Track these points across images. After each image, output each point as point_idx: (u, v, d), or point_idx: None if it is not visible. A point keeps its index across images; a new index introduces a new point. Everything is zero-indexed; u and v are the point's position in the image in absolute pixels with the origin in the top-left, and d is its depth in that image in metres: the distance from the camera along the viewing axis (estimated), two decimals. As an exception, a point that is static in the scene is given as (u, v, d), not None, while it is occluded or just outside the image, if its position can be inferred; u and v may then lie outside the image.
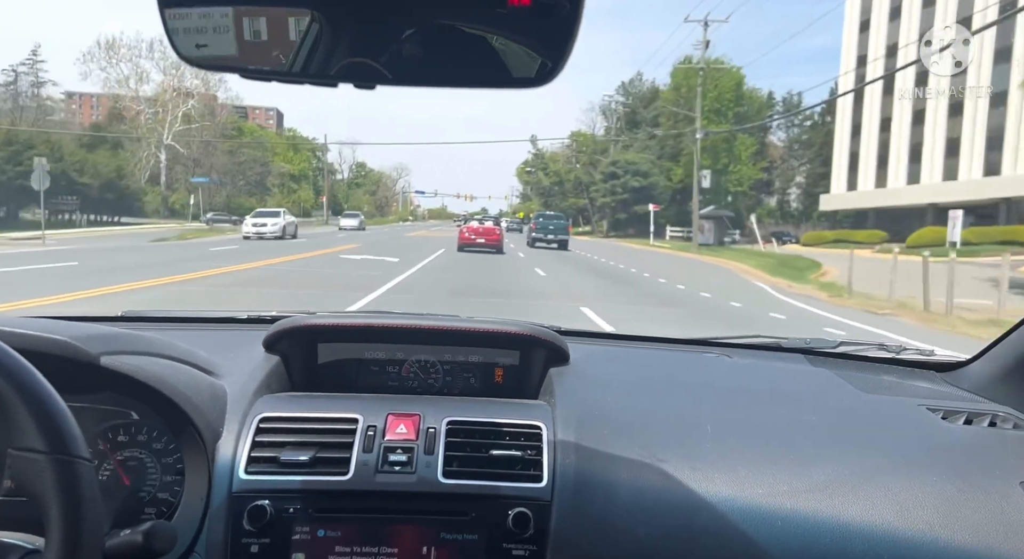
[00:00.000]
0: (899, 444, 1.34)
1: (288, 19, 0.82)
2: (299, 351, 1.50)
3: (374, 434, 1.24)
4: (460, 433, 1.25)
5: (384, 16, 0.79)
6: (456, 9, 0.79)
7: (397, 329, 1.53)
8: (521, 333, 1.50)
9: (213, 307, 6.28)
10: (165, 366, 1.25)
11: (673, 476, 1.19)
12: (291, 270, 15.93)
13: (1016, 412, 1.47)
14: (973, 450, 1.34)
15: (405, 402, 1.34)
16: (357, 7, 0.80)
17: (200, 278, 13.23)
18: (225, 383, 1.34)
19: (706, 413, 1.39)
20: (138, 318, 1.88)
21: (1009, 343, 1.55)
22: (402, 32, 0.79)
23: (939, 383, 1.68)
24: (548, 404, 1.38)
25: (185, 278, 12.97)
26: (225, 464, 1.20)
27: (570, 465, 1.21)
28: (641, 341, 1.98)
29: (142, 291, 10.91)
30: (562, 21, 0.76)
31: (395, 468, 1.20)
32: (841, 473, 1.21)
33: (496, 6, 0.77)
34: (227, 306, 6.14)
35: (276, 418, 1.27)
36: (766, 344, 1.92)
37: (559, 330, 1.72)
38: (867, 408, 1.50)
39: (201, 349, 1.41)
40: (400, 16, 0.79)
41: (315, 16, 0.81)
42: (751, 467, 1.22)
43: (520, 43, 0.80)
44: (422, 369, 1.55)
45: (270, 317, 1.80)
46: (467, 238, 26.17)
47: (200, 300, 10.31)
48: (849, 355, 1.83)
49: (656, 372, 1.67)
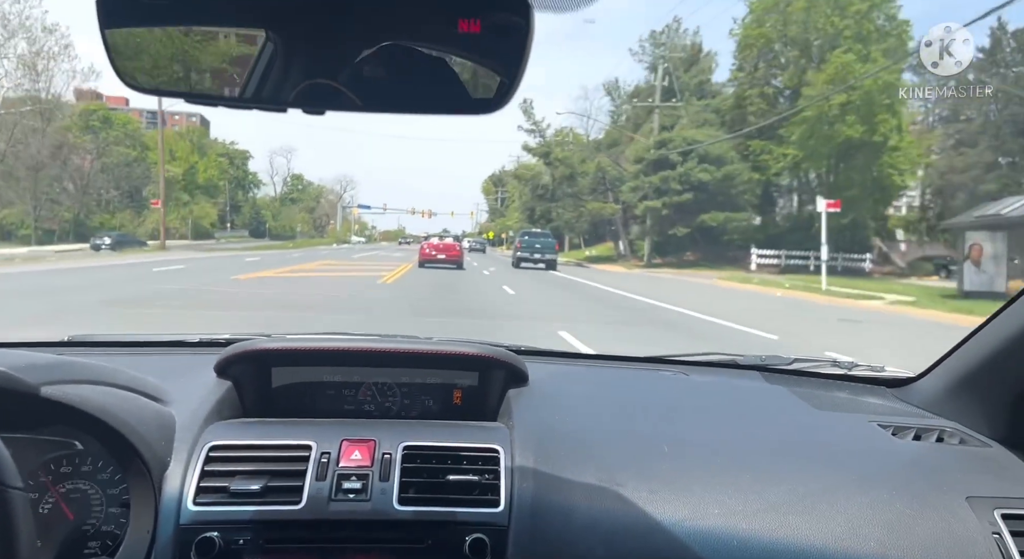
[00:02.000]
0: (851, 461, 1.36)
1: (235, 42, 0.81)
2: (252, 376, 1.47)
3: (328, 461, 1.22)
4: (416, 458, 1.24)
5: (334, 40, 0.79)
6: (407, 33, 0.79)
7: (353, 352, 1.51)
8: (478, 354, 1.50)
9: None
10: (110, 395, 1.22)
11: (630, 499, 1.20)
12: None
13: (962, 427, 1.50)
14: (922, 466, 1.36)
15: (360, 427, 1.32)
16: (306, 30, 0.79)
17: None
18: (174, 410, 1.31)
19: (663, 432, 1.41)
20: (85, 343, 1.82)
21: (955, 359, 1.58)
22: (353, 56, 0.79)
23: (890, 399, 1.72)
24: (506, 426, 1.37)
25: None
26: (172, 495, 1.17)
27: (527, 490, 1.21)
28: (600, 360, 2.02)
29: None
30: (512, 47, 0.76)
31: (349, 496, 1.18)
32: (796, 492, 1.23)
33: (447, 31, 0.77)
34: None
35: (226, 446, 1.24)
36: (723, 361, 1.94)
37: (518, 349, 1.73)
38: (820, 425, 1.52)
39: (150, 375, 1.39)
40: (351, 40, 0.79)
41: (264, 39, 0.80)
42: (707, 487, 1.23)
43: (471, 69, 0.80)
44: (379, 392, 1.53)
45: (224, 340, 1.76)
46: (428, 254, 25.94)
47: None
48: (803, 372, 1.87)
49: (615, 391, 1.68)
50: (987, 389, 1.49)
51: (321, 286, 15.61)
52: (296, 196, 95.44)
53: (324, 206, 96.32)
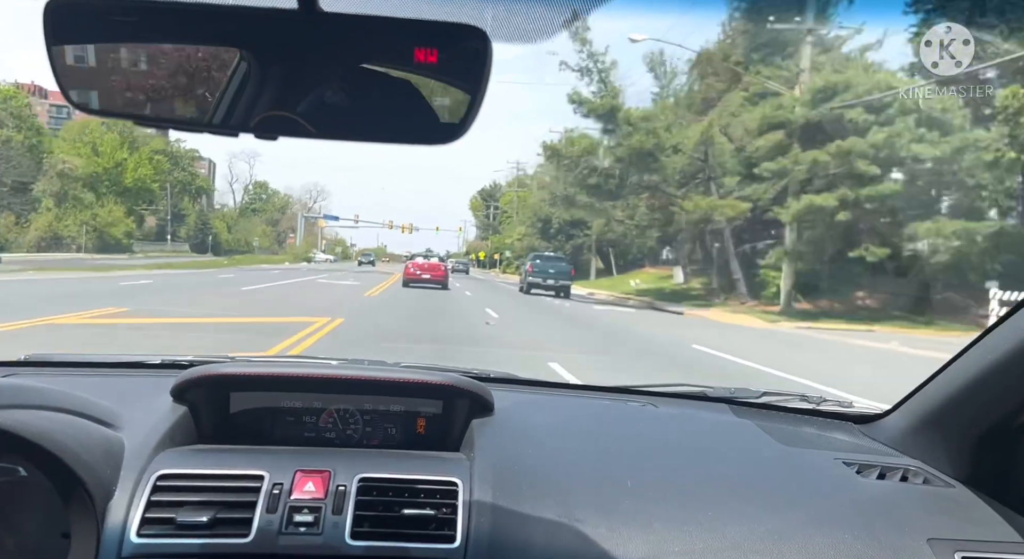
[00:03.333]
0: (815, 500, 1.35)
1: (190, 64, 0.80)
2: (210, 400, 1.44)
3: (280, 492, 1.19)
4: (372, 491, 1.22)
5: (288, 67, 0.78)
6: (365, 62, 0.79)
7: (314, 379, 1.50)
8: (441, 383, 1.48)
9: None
10: (55, 420, 1.19)
11: (589, 537, 1.18)
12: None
13: (926, 466, 1.50)
14: (885, 506, 1.36)
15: (317, 457, 1.30)
16: (262, 57, 0.79)
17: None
18: (124, 436, 1.29)
19: (628, 466, 1.39)
20: (42, 363, 1.79)
21: (921, 396, 1.58)
22: (309, 84, 0.78)
23: (856, 435, 1.71)
24: (467, 458, 1.35)
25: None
26: (115, 526, 1.14)
27: (484, 525, 1.19)
28: (568, 388, 2.05)
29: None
30: (470, 77, 0.77)
31: (300, 529, 1.16)
32: (757, 531, 1.22)
33: (402, 61, 0.78)
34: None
35: (176, 475, 1.22)
36: (692, 393, 1.93)
37: (486, 376, 1.75)
38: (785, 462, 1.51)
39: (106, 397, 1.37)
40: (307, 67, 0.78)
41: (216, 64, 0.80)
42: (668, 525, 1.22)
43: (428, 98, 0.81)
44: (341, 419, 1.50)
45: (187, 361, 1.75)
46: (413, 273, 24.95)
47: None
48: (772, 405, 1.85)
49: (581, 422, 1.65)
50: (951, 428, 1.49)
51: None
52: (258, 206, 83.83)
53: (290, 218, 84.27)
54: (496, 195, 71.75)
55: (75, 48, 0.79)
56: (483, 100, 0.77)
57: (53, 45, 0.77)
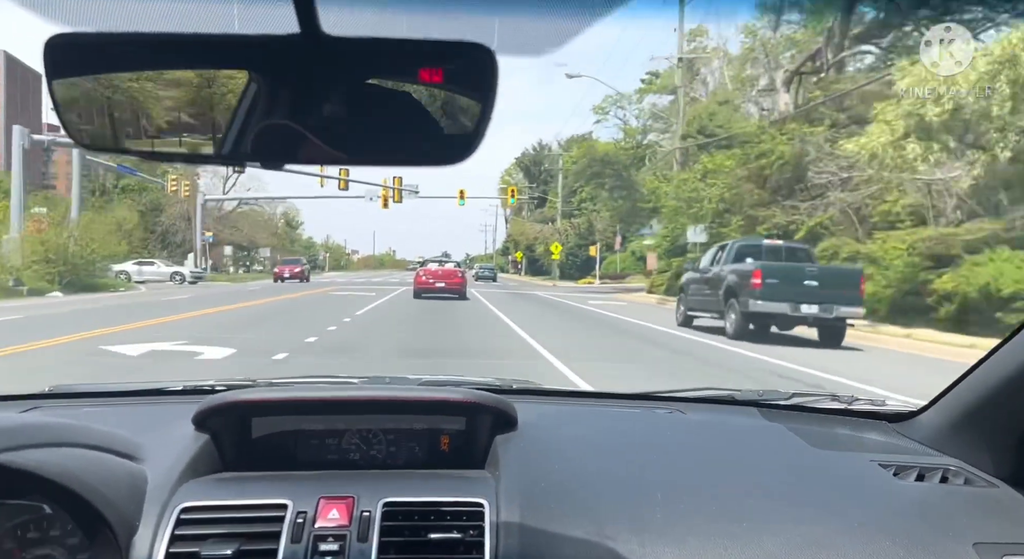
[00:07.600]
0: (852, 506, 1.31)
1: (195, 96, 0.79)
2: (231, 427, 1.44)
3: (304, 521, 1.18)
4: (397, 516, 1.20)
5: (295, 91, 0.77)
6: (368, 84, 0.78)
7: (335, 402, 1.49)
8: (463, 400, 1.47)
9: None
10: (77, 457, 1.19)
11: (621, 554, 1.16)
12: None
13: (966, 466, 1.45)
14: (925, 509, 1.32)
15: (340, 481, 1.30)
16: (263, 81, 0.78)
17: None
18: (147, 468, 1.28)
19: (657, 477, 1.37)
20: (66, 395, 1.81)
21: (958, 393, 1.54)
22: (312, 107, 0.77)
23: (891, 435, 1.67)
24: (492, 476, 1.34)
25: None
26: None
27: (513, 546, 1.17)
28: (591, 397, 2.01)
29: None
30: (476, 96, 0.76)
31: (326, 558, 1.15)
32: (794, 541, 1.19)
33: (407, 80, 0.78)
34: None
35: (199, 507, 1.21)
36: (720, 397, 1.90)
37: (508, 388, 1.75)
38: (820, 466, 1.48)
39: (128, 427, 1.37)
40: (312, 92, 0.77)
41: (221, 93, 0.79)
42: (701, 538, 1.19)
43: (436, 119, 0.80)
44: (363, 440, 1.49)
45: (208, 387, 1.76)
46: (424, 282, 22.95)
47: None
48: (802, 407, 1.82)
49: (607, 433, 1.63)
50: (992, 425, 1.44)
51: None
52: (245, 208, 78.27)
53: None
54: (541, 160, 48.20)
55: (79, 84, 0.78)
56: (491, 116, 0.77)
57: (55, 80, 0.76)
